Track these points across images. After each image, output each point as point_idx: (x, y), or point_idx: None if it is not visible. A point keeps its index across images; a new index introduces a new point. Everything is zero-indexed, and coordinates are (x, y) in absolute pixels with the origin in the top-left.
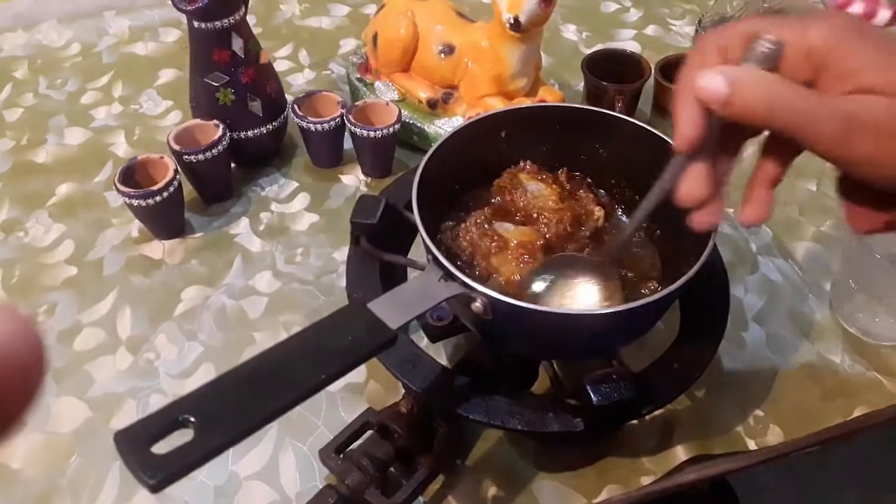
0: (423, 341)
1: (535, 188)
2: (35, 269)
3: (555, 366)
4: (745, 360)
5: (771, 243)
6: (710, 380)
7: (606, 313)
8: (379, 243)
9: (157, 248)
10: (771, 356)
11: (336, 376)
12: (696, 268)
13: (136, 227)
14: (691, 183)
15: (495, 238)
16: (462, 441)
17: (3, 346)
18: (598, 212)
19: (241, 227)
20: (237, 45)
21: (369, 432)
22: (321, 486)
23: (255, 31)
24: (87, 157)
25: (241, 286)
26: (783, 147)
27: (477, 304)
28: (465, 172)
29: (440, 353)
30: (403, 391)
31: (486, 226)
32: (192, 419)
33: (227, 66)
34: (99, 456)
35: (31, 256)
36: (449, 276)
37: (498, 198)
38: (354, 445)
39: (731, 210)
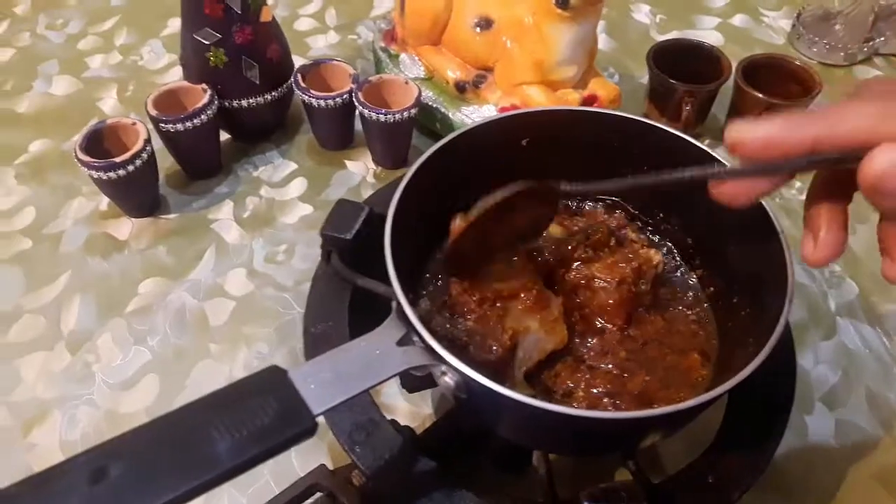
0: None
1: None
2: None
3: (549, 457)
4: (805, 453)
5: (855, 302)
6: None
7: (618, 419)
8: (357, 261)
9: (124, 227)
10: (838, 451)
11: (219, 481)
12: (753, 365)
13: (105, 199)
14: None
15: (487, 296)
16: None
17: None
18: (656, 256)
19: (223, 212)
20: None
21: (318, 495)
22: None
23: None
24: (71, 112)
25: (209, 284)
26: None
27: (447, 380)
28: (466, 190)
29: (424, 395)
30: None
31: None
32: None
33: (220, 22)
34: (8, 478)
35: None
36: (412, 335)
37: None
38: None
39: None
